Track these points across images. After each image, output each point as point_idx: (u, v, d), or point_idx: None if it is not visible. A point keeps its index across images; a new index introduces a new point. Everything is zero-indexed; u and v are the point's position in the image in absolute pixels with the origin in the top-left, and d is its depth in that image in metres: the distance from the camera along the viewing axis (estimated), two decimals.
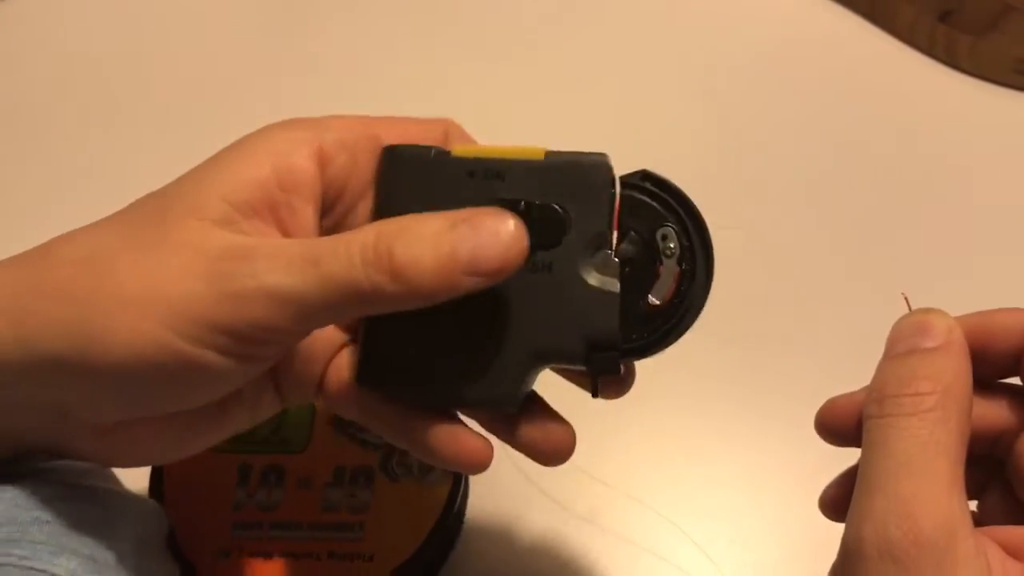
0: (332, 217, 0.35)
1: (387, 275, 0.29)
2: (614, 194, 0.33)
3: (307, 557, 0.43)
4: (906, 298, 0.34)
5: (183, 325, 0.29)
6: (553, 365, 0.34)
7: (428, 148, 0.34)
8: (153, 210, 0.32)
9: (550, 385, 0.36)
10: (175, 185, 0.33)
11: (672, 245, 0.34)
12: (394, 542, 0.43)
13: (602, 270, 0.33)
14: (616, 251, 0.33)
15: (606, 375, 0.34)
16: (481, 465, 0.34)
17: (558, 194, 0.33)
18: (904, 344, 0.32)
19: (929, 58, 0.74)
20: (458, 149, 0.34)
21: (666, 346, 0.34)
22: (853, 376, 0.55)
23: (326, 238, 0.30)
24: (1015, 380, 0.34)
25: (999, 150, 0.68)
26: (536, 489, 0.48)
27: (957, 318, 0.32)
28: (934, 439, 0.29)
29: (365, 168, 0.35)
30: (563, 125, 0.63)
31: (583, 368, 0.34)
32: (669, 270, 0.34)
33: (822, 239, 0.62)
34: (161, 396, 0.32)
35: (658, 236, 0.34)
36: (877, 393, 0.31)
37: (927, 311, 0.32)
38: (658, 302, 0.34)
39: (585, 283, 0.33)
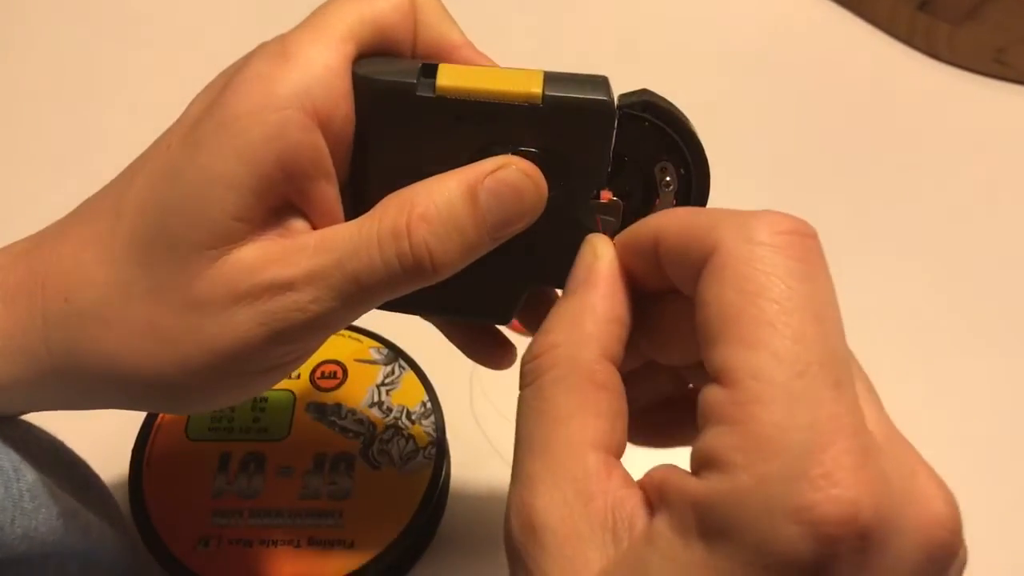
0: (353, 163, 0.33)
1: (428, 272, 0.29)
2: (614, 131, 0.31)
3: (287, 544, 0.42)
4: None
5: (246, 367, 0.30)
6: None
7: (410, 83, 0.30)
8: (160, 237, 0.30)
9: None
10: (170, 191, 0.30)
11: (669, 179, 0.32)
12: (374, 529, 0.43)
13: (602, 210, 0.32)
14: (612, 181, 0.32)
15: None
16: (507, 366, 0.38)
17: (557, 139, 0.31)
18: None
19: (908, 47, 0.75)
20: (445, 77, 0.30)
21: None
22: None
23: (356, 237, 0.29)
24: None
25: (978, 140, 0.68)
26: None
27: (617, 237, 0.30)
28: (548, 406, 0.26)
29: None
30: None
31: None
32: (666, 202, 0.33)
33: None
34: (215, 404, 0.34)
35: (656, 168, 0.32)
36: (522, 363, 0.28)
37: (586, 240, 0.30)
38: None
39: (583, 224, 0.32)
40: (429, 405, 0.47)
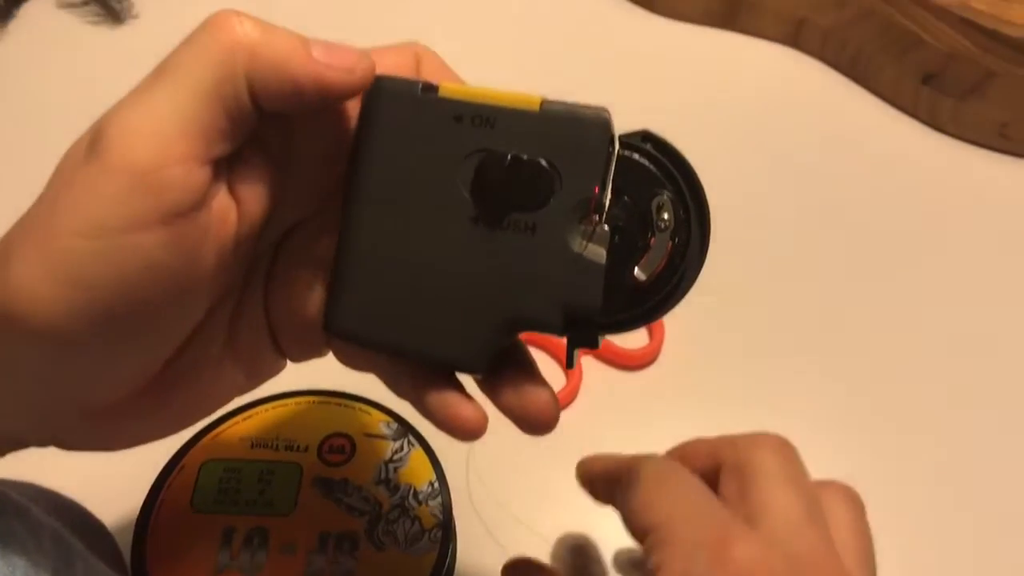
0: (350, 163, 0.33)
1: None
2: (611, 154, 0.31)
3: None
4: None
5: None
6: (528, 332, 0.33)
7: (415, 83, 0.32)
8: None
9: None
10: None
11: (667, 216, 0.31)
12: None
13: (589, 237, 0.31)
14: (606, 216, 0.31)
15: (583, 347, 0.33)
16: (472, 433, 0.33)
17: (550, 149, 0.31)
18: None
19: (912, 119, 0.75)
20: (447, 88, 0.32)
21: (649, 323, 0.33)
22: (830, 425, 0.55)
23: None
24: None
25: (982, 212, 0.69)
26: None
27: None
28: None
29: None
30: None
31: (559, 337, 0.32)
32: (661, 243, 0.32)
33: (798, 298, 0.63)
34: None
35: (653, 205, 0.31)
36: None
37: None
38: (644, 277, 0.32)
39: (569, 250, 0.31)
40: (437, 485, 0.46)
